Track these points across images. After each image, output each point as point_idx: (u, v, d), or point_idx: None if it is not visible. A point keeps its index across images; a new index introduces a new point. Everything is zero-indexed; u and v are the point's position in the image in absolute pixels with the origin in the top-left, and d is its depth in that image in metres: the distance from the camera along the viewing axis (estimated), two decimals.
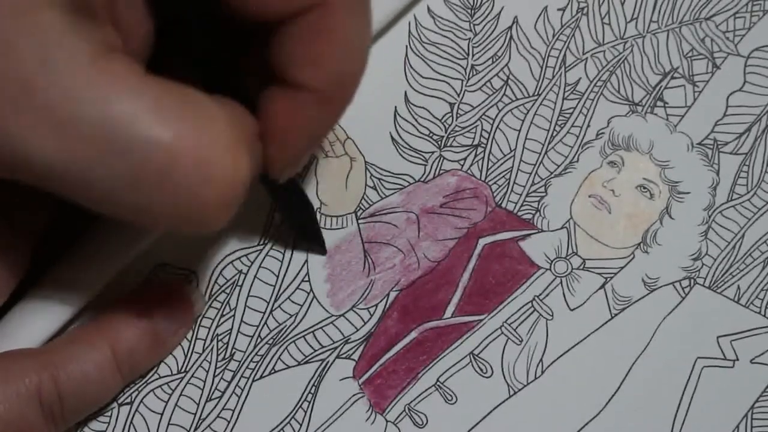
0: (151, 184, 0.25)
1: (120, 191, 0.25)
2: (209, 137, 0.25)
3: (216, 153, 0.25)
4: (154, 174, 0.24)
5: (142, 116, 0.24)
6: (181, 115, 0.25)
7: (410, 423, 0.35)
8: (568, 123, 0.39)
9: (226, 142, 0.25)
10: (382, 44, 0.39)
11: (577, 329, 0.37)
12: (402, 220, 0.37)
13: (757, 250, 0.38)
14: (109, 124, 0.24)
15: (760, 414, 0.36)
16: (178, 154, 0.24)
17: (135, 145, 0.24)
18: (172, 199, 0.25)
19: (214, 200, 0.25)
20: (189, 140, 0.24)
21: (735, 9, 0.40)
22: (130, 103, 0.24)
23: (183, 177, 0.25)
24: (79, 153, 0.24)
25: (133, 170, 0.24)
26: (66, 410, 0.31)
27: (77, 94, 0.24)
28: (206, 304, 0.36)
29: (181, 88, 0.25)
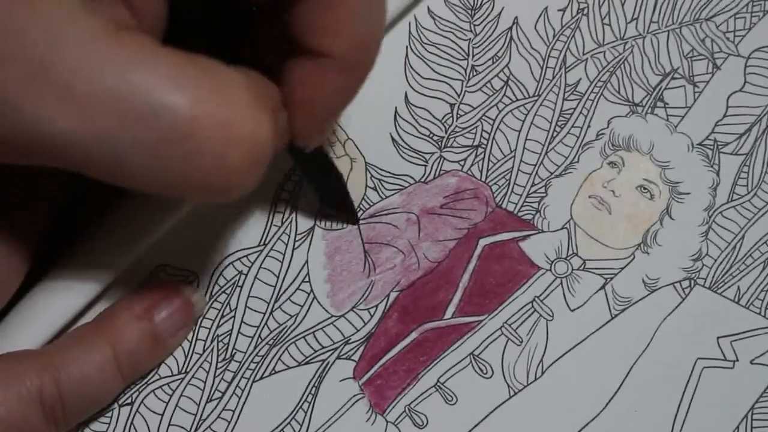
0: (174, 149, 0.24)
1: (143, 160, 0.25)
2: (228, 100, 0.25)
3: (236, 115, 0.25)
4: (176, 139, 0.24)
5: (160, 83, 0.24)
6: (199, 81, 0.25)
7: (410, 423, 0.35)
8: (568, 123, 0.39)
9: (246, 103, 0.25)
10: (382, 44, 0.39)
11: (578, 330, 0.37)
12: (402, 220, 0.37)
13: (757, 250, 0.38)
14: (127, 94, 0.24)
15: (760, 415, 0.36)
16: (199, 117, 0.24)
17: (155, 112, 0.24)
18: (195, 163, 0.25)
19: (238, 162, 0.25)
20: (208, 103, 0.24)
21: (735, 9, 0.40)
22: (146, 71, 0.24)
23: (205, 140, 0.25)
24: (100, 125, 0.24)
25: (155, 137, 0.24)
26: (67, 411, 0.31)
27: (93, 67, 0.24)
28: (207, 304, 0.36)
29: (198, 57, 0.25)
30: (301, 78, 0.29)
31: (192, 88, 0.24)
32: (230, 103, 0.25)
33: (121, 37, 0.24)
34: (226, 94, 0.25)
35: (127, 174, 0.25)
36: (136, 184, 0.26)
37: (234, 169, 0.25)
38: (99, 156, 0.25)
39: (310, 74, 0.28)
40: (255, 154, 0.26)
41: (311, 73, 0.28)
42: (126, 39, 0.24)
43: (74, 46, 0.24)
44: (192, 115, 0.24)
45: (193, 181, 0.25)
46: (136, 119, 0.24)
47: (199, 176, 0.25)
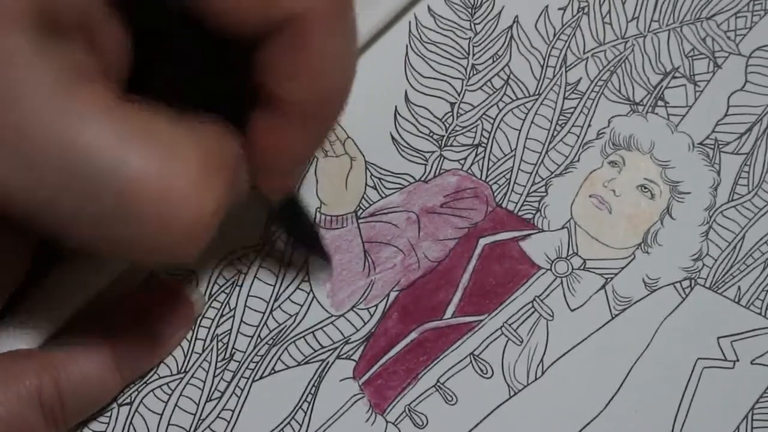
0: (116, 215, 0.24)
1: (83, 223, 0.24)
2: (177, 170, 0.24)
3: (181, 186, 0.24)
4: (118, 206, 0.24)
5: (108, 148, 0.23)
6: (149, 147, 0.24)
7: (410, 423, 0.35)
8: (568, 123, 0.39)
9: (195, 174, 0.25)
10: (382, 44, 0.39)
11: (578, 330, 0.37)
12: (402, 219, 0.37)
13: (757, 250, 0.38)
14: (73, 154, 0.23)
15: (761, 415, 0.36)
16: (142, 186, 0.24)
17: (99, 176, 0.23)
18: (137, 230, 0.24)
19: (180, 232, 0.25)
20: (155, 173, 0.24)
21: (736, 8, 0.40)
22: (96, 134, 0.23)
23: (147, 209, 0.24)
24: (43, 182, 0.23)
25: (96, 203, 0.24)
26: (66, 411, 0.31)
27: (43, 123, 0.23)
28: (206, 304, 0.36)
29: (154, 116, 0.25)
30: (264, 127, 0.28)
31: (138, 155, 0.24)
32: (178, 174, 0.24)
33: (75, 91, 0.24)
34: (176, 163, 0.24)
35: (66, 234, 0.25)
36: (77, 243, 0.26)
37: (175, 239, 0.25)
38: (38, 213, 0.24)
39: (271, 125, 0.28)
40: (197, 227, 0.25)
41: (274, 124, 0.27)
42: (80, 93, 0.24)
43: (27, 98, 0.23)
44: (136, 183, 0.24)
45: (133, 248, 0.25)
46: (78, 181, 0.24)
47: (140, 243, 0.25)
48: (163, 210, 0.24)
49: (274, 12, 0.25)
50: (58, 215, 0.24)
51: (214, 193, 0.25)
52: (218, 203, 0.26)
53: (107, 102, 0.24)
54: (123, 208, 0.24)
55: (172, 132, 0.25)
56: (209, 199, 0.25)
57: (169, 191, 0.24)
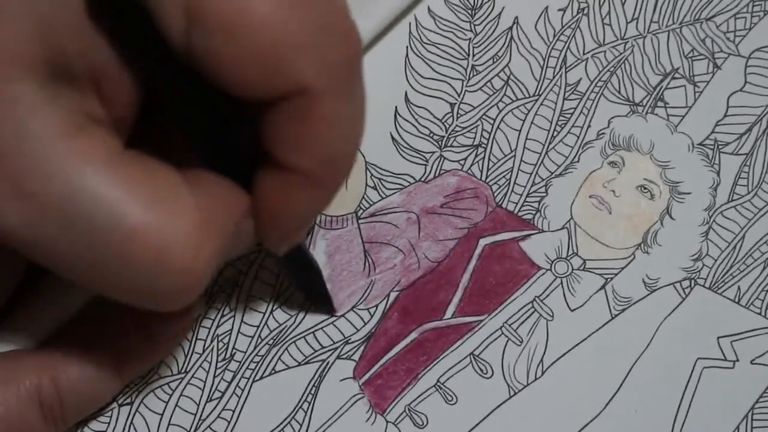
0: (110, 265, 0.25)
1: (81, 266, 0.25)
2: (174, 228, 0.25)
3: (175, 243, 0.25)
4: (114, 256, 0.25)
5: (108, 200, 0.24)
6: (147, 201, 0.25)
7: (410, 423, 0.35)
8: (568, 123, 0.39)
9: (191, 231, 0.25)
10: (382, 44, 0.39)
11: (578, 330, 0.37)
12: (402, 220, 0.37)
13: (757, 250, 0.38)
14: (74, 204, 0.24)
15: (761, 415, 0.36)
16: (137, 240, 0.24)
17: (97, 227, 0.24)
18: (130, 282, 0.25)
19: (171, 289, 0.26)
20: (151, 227, 0.25)
21: (736, 9, 0.40)
22: (97, 184, 0.24)
23: (141, 263, 0.25)
24: (42, 226, 0.24)
25: (94, 250, 0.24)
26: (66, 411, 0.31)
27: (46, 169, 0.24)
28: (206, 304, 0.36)
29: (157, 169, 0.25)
30: (268, 188, 0.28)
31: (137, 210, 0.24)
32: (175, 232, 0.25)
33: (80, 140, 0.24)
34: (173, 218, 0.25)
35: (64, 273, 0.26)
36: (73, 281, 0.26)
37: (166, 295, 0.26)
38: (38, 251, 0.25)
39: (276, 186, 0.27)
40: (189, 284, 0.26)
41: (279, 186, 0.27)
42: (85, 142, 0.24)
43: (31, 143, 0.23)
44: (131, 237, 0.24)
45: (125, 296, 0.26)
46: (78, 228, 0.24)
47: (131, 293, 0.26)
48: (157, 263, 0.25)
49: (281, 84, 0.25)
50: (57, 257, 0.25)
51: (209, 251, 0.26)
52: (212, 261, 0.26)
53: (111, 153, 0.25)
54: (119, 258, 0.25)
55: (173, 187, 0.26)
56: (203, 256, 0.26)
57: (164, 249, 0.25)
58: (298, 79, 0.25)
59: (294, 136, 0.26)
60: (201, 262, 0.26)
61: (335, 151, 0.27)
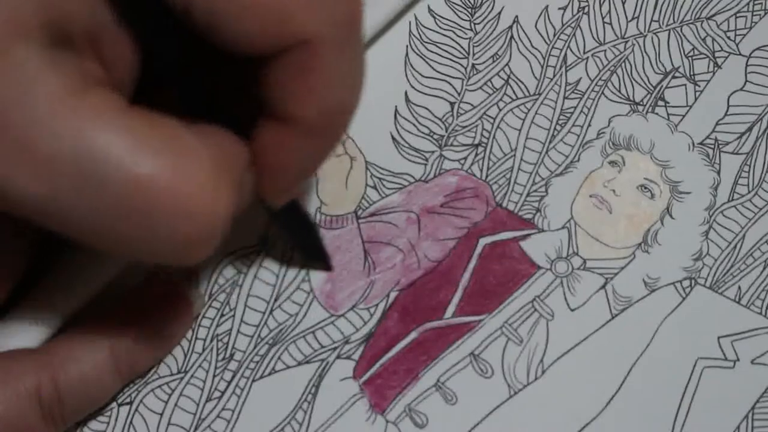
0: (129, 218, 0.24)
1: (97, 224, 0.25)
2: (188, 172, 0.25)
3: (194, 188, 0.25)
4: (131, 209, 0.24)
5: (119, 151, 0.24)
6: (160, 150, 0.24)
7: (410, 423, 0.35)
8: (568, 122, 0.39)
9: (207, 177, 0.25)
10: (382, 44, 0.39)
11: (578, 329, 0.36)
12: (402, 219, 0.37)
13: (758, 250, 0.38)
14: (86, 160, 0.24)
15: (761, 415, 0.36)
16: (156, 189, 0.24)
17: (112, 181, 0.24)
18: (149, 233, 0.25)
19: (192, 235, 0.25)
20: (167, 175, 0.24)
21: (736, 8, 0.40)
22: (107, 137, 0.24)
23: (160, 212, 0.24)
24: (57, 188, 0.24)
25: (111, 205, 0.24)
26: (65, 410, 0.31)
27: (54, 129, 0.23)
28: (206, 303, 0.36)
29: (163, 121, 0.25)
30: (269, 141, 0.28)
31: (151, 158, 0.24)
32: (189, 176, 0.25)
33: (86, 97, 0.24)
34: (188, 165, 0.25)
35: (80, 234, 0.25)
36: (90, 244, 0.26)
37: (187, 242, 0.25)
38: (53, 215, 0.25)
39: (277, 138, 0.28)
40: (209, 229, 0.25)
41: (278, 138, 0.28)
42: (90, 99, 0.24)
43: (37, 106, 0.23)
44: (148, 187, 0.24)
45: (145, 250, 0.25)
46: (91, 185, 0.24)
47: (150, 246, 0.25)
48: (175, 212, 0.25)
49: (284, 36, 0.25)
50: (72, 218, 0.25)
51: (225, 197, 0.26)
52: (228, 206, 0.26)
53: (117, 107, 0.24)
54: (137, 209, 0.24)
55: (183, 135, 0.25)
56: (220, 202, 0.25)
57: (181, 194, 0.24)
58: (301, 31, 0.25)
59: (297, 88, 0.26)
60: (220, 205, 0.25)
61: (337, 103, 0.27)
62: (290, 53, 0.26)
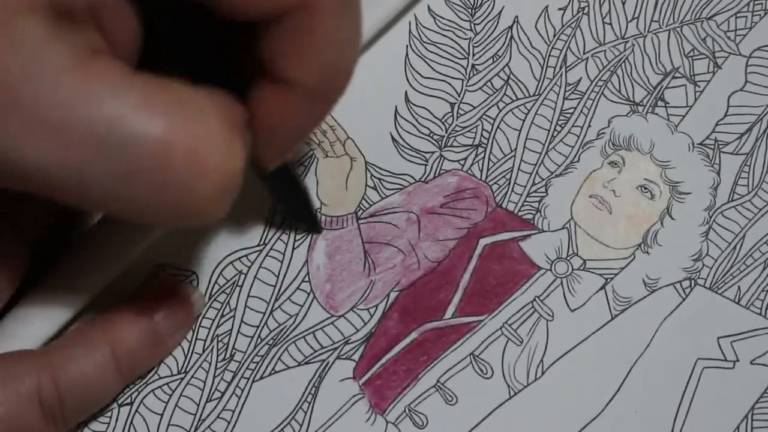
0: (146, 179, 0.25)
1: (115, 189, 0.25)
2: (200, 130, 0.25)
3: (208, 145, 0.25)
4: (148, 170, 0.24)
5: (131, 113, 0.24)
6: (170, 110, 0.24)
7: (410, 424, 0.35)
8: (568, 123, 0.39)
9: (218, 133, 0.25)
10: (382, 44, 0.39)
11: (578, 330, 0.37)
12: (402, 220, 0.37)
13: (757, 250, 0.38)
14: (99, 125, 0.24)
15: (761, 415, 0.36)
16: (170, 148, 0.24)
17: (127, 143, 0.24)
18: (167, 193, 0.25)
19: (210, 192, 0.25)
20: (180, 134, 0.24)
21: (736, 8, 0.40)
22: (118, 101, 0.24)
23: (177, 170, 0.25)
24: (72, 155, 0.24)
25: (127, 168, 0.24)
26: (66, 411, 0.31)
27: (64, 97, 0.23)
28: (206, 304, 0.36)
29: (170, 83, 0.25)
30: (267, 102, 0.28)
31: (163, 119, 0.24)
32: (202, 134, 0.25)
33: (92, 66, 0.24)
34: (198, 123, 0.25)
35: (97, 202, 0.25)
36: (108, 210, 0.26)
37: (205, 199, 0.25)
38: (69, 184, 0.25)
39: (275, 100, 0.28)
40: (226, 184, 0.26)
41: (276, 99, 0.28)
42: (97, 67, 0.24)
43: (45, 75, 0.23)
44: (163, 147, 0.24)
45: (164, 211, 0.26)
46: (106, 150, 0.24)
47: (169, 206, 0.25)
48: (192, 170, 0.25)
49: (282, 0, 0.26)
50: (88, 186, 0.25)
51: (238, 152, 0.26)
52: (241, 162, 0.26)
53: (124, 73, 0.25)
54: (153, 170, 0.24)
55: (191, 95, 0.25)
56: (234, 157, 0.26)
57: (196, 152, 0.25)
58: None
59: (295, 50, 0.27)
60: (234, 160, 0.26)
61: (335, 65, 0.28)
62: (290, 16, 0.26)
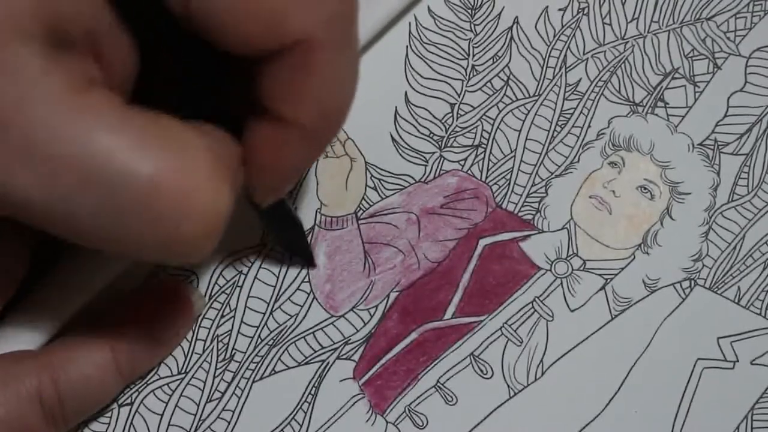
0: (132, 217, 0.24)
1: (100, 225, 0.25)
2: (189, 170, 0.25)
3: (196, 186, 0.25)
4: (135, 207, 0.24)
5: (121, 150, 0.24)
6: (161, 148, 0.24)
7: (410, 424, 0.35)
8: (568, 123, 0.39)
9: (207, 174, 0.25)
10: (382, 44, 0.39)
11: (578, 330, 0.37)
12: (402, 220, 0.37)
13: (757, 251, 0.38)
14: (88, 160, 0.24)
15: (760, 415, 0.36)
16: (159, 187, 0.24)
17: (115, 180, 0.24)
18: (153, 231, 0.25)
19: (195, 232, 0.25)
20: (169, 173, 0.24)
21: (736, 9, 0.40)
22: (109, 137, 0.24)
23: (163, 210, 0.24)
24: (59, 188, 0.24)
25: (114, 204, 0.24)
26: (66, 412, 0.31)
27: (55, 130, 0.23)
28: (206, 304, 0.36)
29: (162, 119, 0.25)
30: (261, 140, 0.28)
31: (154, 157, 0.24)
32: (191, 173, 0.25)
33: (86, 98, 0.24)
34: (188, 162, 0.25)
35: (83, 235, 0.25)
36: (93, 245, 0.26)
37: (191, 238, 0.25)
38: (56, 216, 0.25)
39: (270, 137, 0.28)
40: (212, 225, 0.26)
41: (272, 138, 0.28)
42: (91, 100, 0.24)
43: (38, 106, 0.23)
44: (152, 185, 0.24)
45: (150, 248, 0.26)
46: (95, 184, 0.24)
47: (155, 243, 0.25)
48: (180, 209, 0.25)
49: (280, 37, 0.25)
50: (74, 218, 0.25)
51: (226, 192, 0.26)
52: (229, 202, 0.26)
53: (117, 107, 0.25)
54: (141, 207, 0.24)
55: (182, 133, 0.25)
56: (222, 197, 0.26)
57: (185, 191, 0.25)
58: (298, 30, 0.25)
59: (292, 88, 0.27)
60: (222, 200, 0.26)
61: (332, 104, 0.27)
62: (286, 54, 0.26)
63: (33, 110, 0.23)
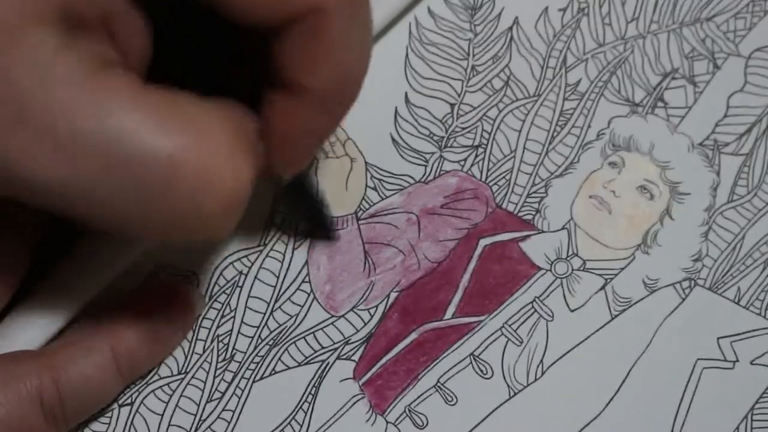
0: (154, 196, 0.25)
1: (122, 205, 0.25)
2: (210, 146, 0.25)
3: (217, 162, 0.25)
4: (156, 186, 0.24)
5: (141, 129, 0.24)
6: (180, 126, 0.25)
7: (410, 424, 0.35)
8: (568, 123, 0.39)
9: (227, 150, 0.25)
10: (382, 44, 0.39)
11: (578, 330, 0.37)
12: (402, 220, 0.37)
13: (757, 251, 0.38)
14: (109, 139, 0.24)
15: (760, 415, 0.36)
16: (180, 164, 0.24)
17: (136, 159, 0.24)
18: (175, 210, 0.25)
19: (217, 209, 0.25)
20: (190, 150, 0.24)
21: (736, 9, 0.40)
22: (129, 116, 0.24)
23: (185, 187, 0.25)
24: (80, 169, 0.24)
25: (135, 183, 0.24)
26: (67, 412, 0.31)
27: (75, 111, 0.23)
28: (206, 304, 0.36)
29: (180, 97, 0.25)
30: (279, 112, 0.28)
31: (173, 134, 0.24)
32: (211, 150, 0.25)
33: (104, 79, 0.24)
34: (208, 139, 0.25)
35: (103, 217, 0.25)
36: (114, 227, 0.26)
37: (212, 215, 0.25)
38: (75, 198, 0.25)
39: (288, 109, 0.28)
40: (233, 201, 0.26)
41: (290, 108, 0.28)
42: (108, 80, 0.24)
43: (57, 88, 0.23)
44: (173, 163, 0.24)
45: (171, 227, 0.26)
46: (114, 165, 0.24)
47: (177, 222, 0.25)
48: (201, 186, 0.25)
49: (293, 6, 0.26)
50: (95, 200, 0.25)
51: (246, 168, 0.26)
52: (250, 177, 0.26)
53: (135, 86, 0.25)
54: (161, 188, 0.24)
55: (200, 110, 0.26)
56: (243, 173, 0.26)
57: (206, 168, 0.25)
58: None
59: (307, 57, 0.27)
60: (242, 176, 0.26)
61: (347, 71, 0.28)
62: (300, 23, 0.26)
63: (51, 93, 0.23)
